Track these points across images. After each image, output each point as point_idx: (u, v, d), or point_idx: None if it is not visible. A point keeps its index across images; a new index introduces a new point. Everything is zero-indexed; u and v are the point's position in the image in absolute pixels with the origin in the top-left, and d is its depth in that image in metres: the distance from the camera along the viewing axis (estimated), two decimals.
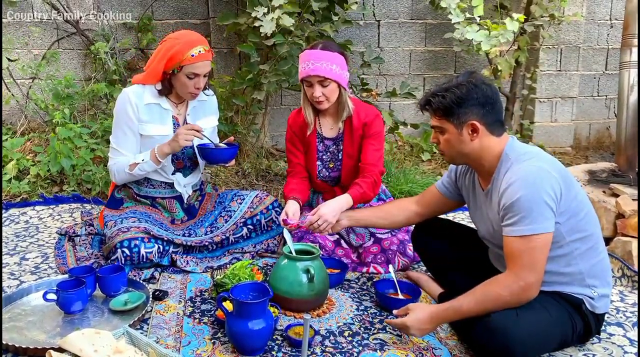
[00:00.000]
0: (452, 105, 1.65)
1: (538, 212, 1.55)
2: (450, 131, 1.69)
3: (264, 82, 3.49)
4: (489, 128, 1.68)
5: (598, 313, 1.69)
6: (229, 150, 2.35)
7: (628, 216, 2.47)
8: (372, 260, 2.35)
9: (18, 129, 3.85)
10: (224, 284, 2.01)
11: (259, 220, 2.49)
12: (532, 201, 1.55)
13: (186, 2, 4.22)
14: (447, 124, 1.69)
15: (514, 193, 1.57)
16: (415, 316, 1.68)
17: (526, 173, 1.59)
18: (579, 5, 4.43)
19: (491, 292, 1.59)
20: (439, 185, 2.03)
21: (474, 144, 1.69)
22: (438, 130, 1.74)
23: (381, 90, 4.33)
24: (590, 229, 1.67)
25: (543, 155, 1.69)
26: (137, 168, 2.32)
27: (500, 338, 1.53)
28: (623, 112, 2.96)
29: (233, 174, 3.76)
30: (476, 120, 1.66)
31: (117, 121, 2.35)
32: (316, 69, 2.23)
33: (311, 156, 2.49)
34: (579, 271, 1.66)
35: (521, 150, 1.69)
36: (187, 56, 2.21)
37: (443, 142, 1.74)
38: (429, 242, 2.12)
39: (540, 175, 1.58)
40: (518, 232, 1.57)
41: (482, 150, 1.70)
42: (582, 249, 1.66)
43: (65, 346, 1.49)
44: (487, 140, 1.69)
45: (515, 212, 1.57)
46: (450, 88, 1.67)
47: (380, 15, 4.38)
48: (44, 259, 2.45)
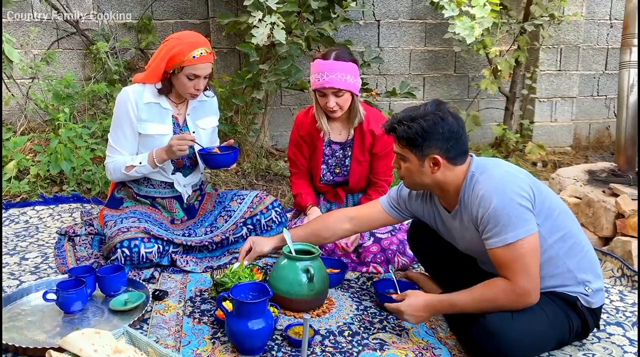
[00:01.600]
0: (416, 137, 1.63)
1: (516, 216, 1.54)
2: (411, 161, 1.68)
3: (263, 82, 3.49)
4: (451, 161, 1.67)
5: (594, 308, 1.69)
6: (230, 156, 2.36)
7: (628, 215, 2.47)
8: (371, 259, 2.35)
9: (18, 129, 3.85)
10: (224, 283, 2.01)
11: (258, 220, 2.49)
12: (507, 207, 1.55)
13: (186, 2, 4.22)
14: (410, 154, 1.68)
15: (487, 204, 1.57)
16: (409, 301, 1.71)
17: (492, 181, 1.60)
18: (579, 5, 4.43)
19: (489, 294, 1.59)
20: (386, 206, 1.99)
21: (435, 176, 1.68)
22: (400, 157, 1.73)
23: (381, 90, 4.33)
24: (567, 226, 1.67)
25: (502, 161, 1.72)
26: (133, 170, 2.33)
27: (496, 340, 1.53)
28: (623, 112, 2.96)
29: (233, 174, 3.76)
30: (439, 154, 1.64)
31: (116, 119, 2.35)
32: (331, 81, 2.24)
33: (316, 159, 2.49)
34: (568, 269, 1.66)
35: (482, 163, 1.69)
36: (189, 57, 2.21)
37: (404, 169, 1.73)
38: (424, 241, 2.12)
39: (507, 179, 1.59)
40: (502, 242, 1.56)
41: (445, 180, 1.69)
42: (565, 248, 1.65)
43: (65, 346, 1.49)
44: (448, 171, 1.68)
45: (494, 223, 1.56)
46: (417, 118, 1.64)
47: (380, 15, 4.38)
48: (43, 259, 2.45)
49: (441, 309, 1.67)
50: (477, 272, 1.82)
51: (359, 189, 2.57)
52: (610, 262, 2.35)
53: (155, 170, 2.36)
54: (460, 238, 1.79)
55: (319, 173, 2.52)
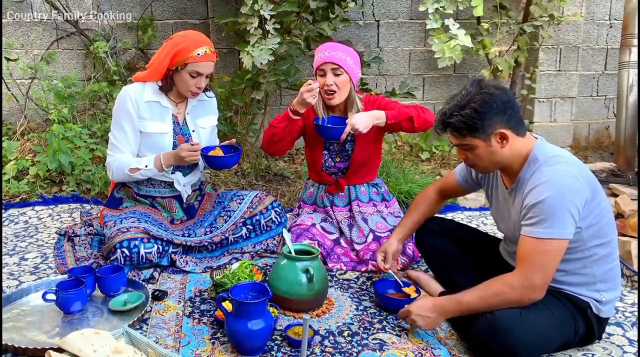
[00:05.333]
0: (474, 122, 1.60)
1: (559, 217, 1.54)
2: (479, 146, 1.65)
3: (263, 82, 3.49)
4: (515, 131, 1.65)
5: (602, 317, 1.70)
6: (233, 158, 2.38)
7: (627, 215, 2.47)
8: (370, 257, 2.35)
9: (18, 129, 3.85)
10: (224, 284, 2.02)
11: (258, 220, 2.49)
12: (556, 206, 1.54)
13: (186, 2, 4.22)
14: (474, 140, 1.64)
15: (540, 194, 1.56)
16: (418, 302, 1.73)
17: (554, 177, 1.58)
18: (578, 6, 4.43)
19: (495, 288, 1.59)
20: (458, 178, 2.02)
21: (505, 151, 1.66)
22: (464, 147, 1.69)
23: (380, 90, 4.33)
24: (610, 235, 1.68)
25: (572, 159, 1.67)
26: (138, 173, 2.33)
27: (504, 338, 1.54)
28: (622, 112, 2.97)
29: (232, 174, 3.76)
30: (502, 128, 1.62)
31: (116, 117, 2.35)
32: (332, 57, 2.32)
33: (317, 147, 2.50)
34: (592, 275, 1.66)
35: (550, 153, 1.67)
36: (193, 54, 2.23)
37: (473, 157, 1.69)
38: (432, 241, 2.12)
39: (568, 182, 1.57)
40: (536, 233, 1.57)
41: (512, 155, 1.67)
42: (600, 254, 1.66)
43: (65, 346, 1.49)
44: (515, 143, 1.66)
45: (537, 214, 1.57)
46: (467, 104, 1.61)
47: (379, 15, 4.38)
48: (43, 259, 2.45)
49: (449, 308, 1.67)
50: (484, 272, 1.81)
51: (360, 176, 2.56)
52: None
53: (160, 174, 2.37)
54: (507, 216, 1.79)
55: (321, 160, 2.52)
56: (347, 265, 2.37)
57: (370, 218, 2.52)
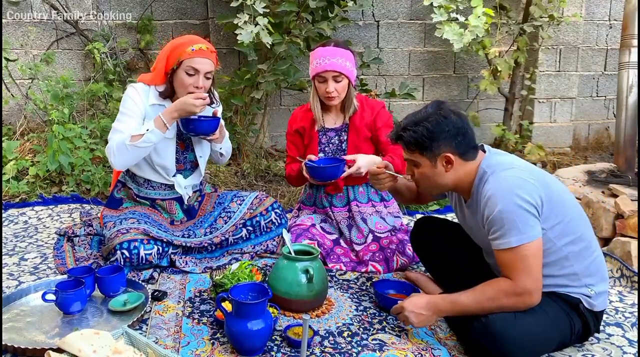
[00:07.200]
0: (424, 140, 1.65)
1: (521, 221, 1.55)
2: (424, 164, 1.70)
3: (262, 82, 3.49)
4: (462, 157, 1.68)
5: (596, 311, 1.69)
6: (212, 122, 2.31)
7: (627, 216, 2.47)
8: (370, 258, 2.35)
9: (17, 129, 3.84)
10: (223, 284, 2.01)
11: (258, 221, 2.49)
12: (513, 212, 1.55)
13: (185, 3, 4.22)
14: (421, 158, 1.69)
15: (493, 206, 1.58)
16: (412, 299, 1.72)
17: (502, 183, 1.60)
18: (578, 6, 4.43)
19: (490, 293, 1.59)
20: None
21: (448, 176, 1.69)
22: (412, 163, 1.74)
23: (380, 91, 4.33)
24: (580, 230, 1.67)
25: (519, 163, 1.70)
26: (141, 140, 2.18)
27: (499, 341, 1.54)
28: (622, 112, 2.97)
29: (232, 174, 3.76)
30: (449, 152, 1.66)
31: (124, 107, 2.30)
32: (332, 65, 2.32)
33: (313, 149, 2.50)
34: (574, 272, 1.66)
35: (497, 162, 1.69)
36: (187, 50, 2.23)
37: (418, 174, 1.74)
38: (428, 242, 2.12)
39: (516, 184, 1.58)
40: (506, 244, 1.57)
41: (458, 178, 1.70)
42: (576, 251, 1.66)
43: (64, 347, 1.49)
44: (461, 168, 1.69)
45: (499, 226, 1.57)
46: (421, 121, 1.66)
47: (379, 15, 4.38)
48: (43, 260, 2.45)
49: (443, 308, 1.67)
50: (481, 273, 1.81)
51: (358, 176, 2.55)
52: (609, 263, 2.35)
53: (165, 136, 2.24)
54: (476, 228, 1.80)
55: None
56: (346, 265, 2.37)
57: (370, 218, 2.52)
